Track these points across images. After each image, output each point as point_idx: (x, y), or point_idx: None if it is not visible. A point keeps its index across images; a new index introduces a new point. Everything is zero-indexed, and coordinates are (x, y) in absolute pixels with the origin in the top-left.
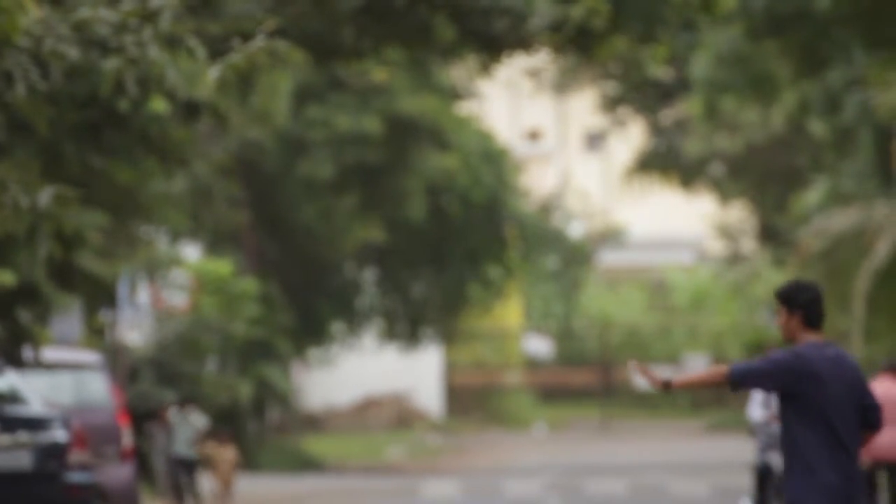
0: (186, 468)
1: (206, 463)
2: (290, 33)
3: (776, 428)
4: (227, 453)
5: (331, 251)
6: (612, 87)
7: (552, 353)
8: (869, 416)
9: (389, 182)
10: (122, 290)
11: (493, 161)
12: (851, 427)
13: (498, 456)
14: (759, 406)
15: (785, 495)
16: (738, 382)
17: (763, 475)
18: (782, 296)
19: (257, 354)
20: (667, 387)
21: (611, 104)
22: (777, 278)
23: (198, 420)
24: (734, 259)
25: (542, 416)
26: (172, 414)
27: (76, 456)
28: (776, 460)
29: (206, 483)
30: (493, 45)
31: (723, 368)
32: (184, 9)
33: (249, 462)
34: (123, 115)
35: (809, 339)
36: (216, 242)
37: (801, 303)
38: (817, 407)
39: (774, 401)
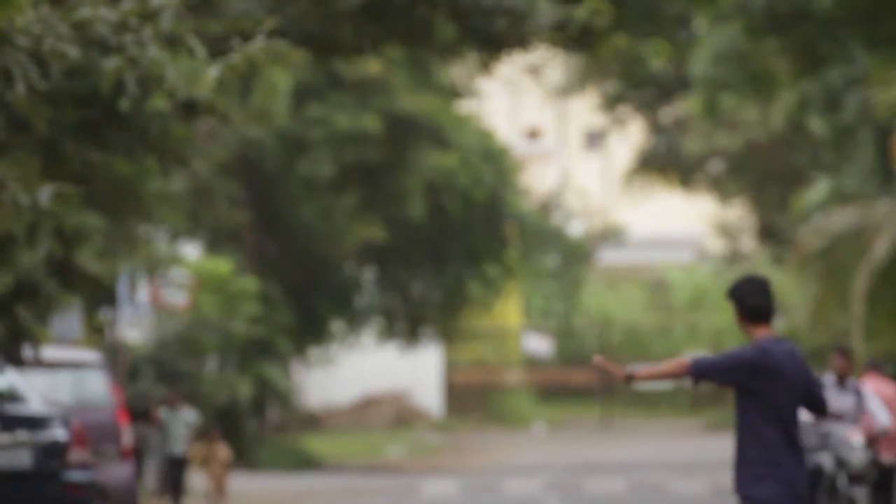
0: (177, 466)
1: (199, 462)
2: (289, 32)
3: (826, 428)
4: (219, 452)
5: (331, 250)
6: (611, 86)
7: (552, 352)
8: (818, 403)
9: (389, 181)
10: (121, 288)
11: (493, 160)
12: (797, 421)
13: (497, 455)
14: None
15: (745, 492)
16: (699, 375)
17: (815, 477)
18: (727, 293)
19: (257, 353)
20: (630, 379)
21: (610, 103)
22: (777, 277)
23: (189, 416)
24: (734, 258)
25: (542, 415)
26: (163, 412)
27: (76, 455)
28: (828, 461)
29: (198, 482)
30: (493, 44)
31: (685, 360)
32: (184, 8)
33: (249, 461)
34: (123, 113)
35: (759, 333)
36: (216, 241)
37: (735, 298)
38: (773, 402)
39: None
